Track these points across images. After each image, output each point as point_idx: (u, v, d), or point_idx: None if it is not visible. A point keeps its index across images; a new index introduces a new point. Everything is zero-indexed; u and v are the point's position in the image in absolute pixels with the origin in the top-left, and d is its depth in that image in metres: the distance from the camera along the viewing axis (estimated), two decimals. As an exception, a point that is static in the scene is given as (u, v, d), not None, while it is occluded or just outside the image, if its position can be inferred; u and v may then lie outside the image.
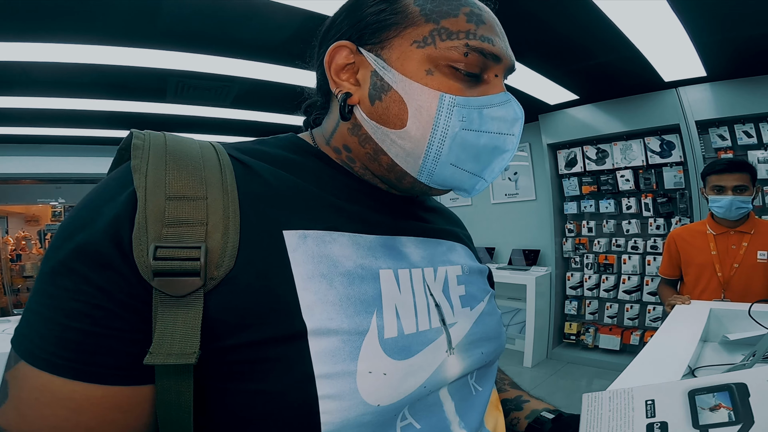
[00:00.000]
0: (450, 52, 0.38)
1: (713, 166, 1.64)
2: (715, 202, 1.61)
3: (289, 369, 0.30)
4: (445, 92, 0.38)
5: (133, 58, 2.08)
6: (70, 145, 3.55)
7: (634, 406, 0.42)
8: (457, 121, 0.38)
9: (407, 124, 0.39)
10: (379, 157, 0.42)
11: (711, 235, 1.68)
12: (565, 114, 3.38)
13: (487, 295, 0.49)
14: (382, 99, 0.40)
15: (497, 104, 0.40)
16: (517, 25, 1.93)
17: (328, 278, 0.34)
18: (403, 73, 0.39)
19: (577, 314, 3.53)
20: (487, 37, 0.39)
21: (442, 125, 0.38)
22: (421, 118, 0.38)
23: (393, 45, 0.40)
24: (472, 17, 0.39)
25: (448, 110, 0.38)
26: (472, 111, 0.39)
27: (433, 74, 0.38)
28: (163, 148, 0.33)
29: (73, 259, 0.29)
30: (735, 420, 0.36)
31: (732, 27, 1.96)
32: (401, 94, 0.39)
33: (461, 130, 0.38)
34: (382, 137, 0.41)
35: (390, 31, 0.40)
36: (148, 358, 0.28)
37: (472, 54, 0.39)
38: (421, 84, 0.38)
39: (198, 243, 0.30)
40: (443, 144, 0.39)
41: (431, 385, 0.37)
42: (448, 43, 0.38)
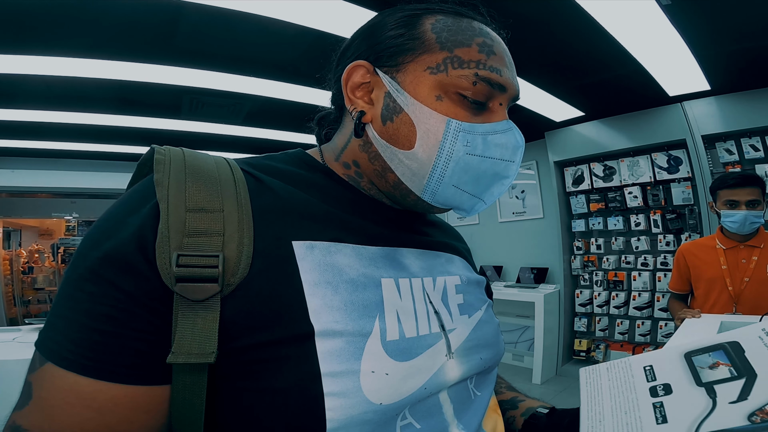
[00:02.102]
0: (460, 80, 0.40)
1: (725, 181, 1.63)
2: (728, 217, 1.60)
3: (298, 367, 0.32)
4: (452, 118, 0.40)
5: (150, 75, 2.16)
6: (85, 160, 3.65)
7: (633, 374, 0.42)
8: (461, 146, 0.40)
9: (415, 146, 0.41)
10: (386, 175, 0.44)
11: (721, 249, 1.67)
12: (572, 131, 3.41)
13: (485, 304, 0.51)
14: (393, 120, 0.42)
15: (500, 131, 0.42)
16: (523, 43, 1.99)
17: (333, 285, 0.36)
18: (415, 96, 0.41)
19: (587, 331, 3.47)
20: (496, 68, 0.42)
21: (448, 149, 0.40)
22: (428, 140, 0.40)
23: (408, 69, 0.42)
24: (484, 48, 0.42)
25: (454, 135, 0.40)
26: (477, 137, 0.41)
27: (442, 100, 0.41)
28: (183, 163, 0.35)
29: (100, 266, 0.31)
30: (737, 375, 0.36)
31: (732, 40, 1.99)
32: (411, 116, 0.41)
33: (465, 155, 0.41)
34: (391, 156, 0.43)
35: (406, 56, 0.42)
36: (171, 357, 0.30)
37: (481, 83, 0.41)
38: (431, 108, 0.41)
39: (216, 252, 0.32)
40: (447, 166, 0.41)
41: (431, 387, 0.38)
42: (459, 72, 0.40)
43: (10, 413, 0.31)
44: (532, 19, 1.78)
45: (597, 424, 0.39)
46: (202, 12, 1.62)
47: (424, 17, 0.43)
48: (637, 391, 0.39)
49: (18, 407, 0.31)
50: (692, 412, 0.35)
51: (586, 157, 3.39)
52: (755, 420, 0.32)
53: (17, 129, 2.80)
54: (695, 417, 0.34)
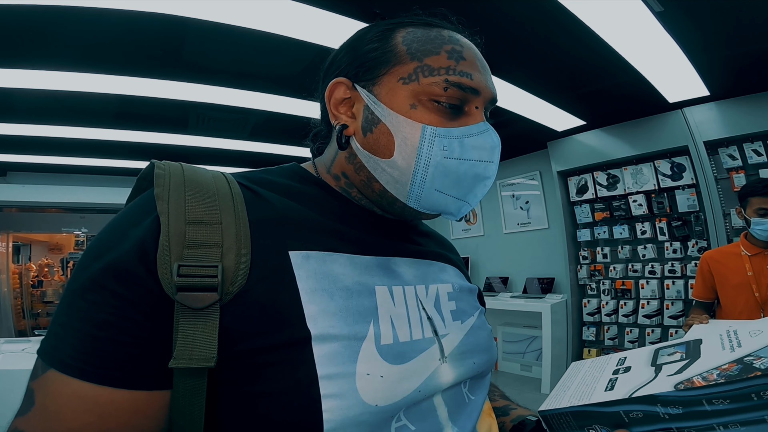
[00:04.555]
0: (431, 87, 0.42)
1: (756, 189, 1.64)
2: (758, 225, 1.61)
3: (296, 370, 0.33)
4: (427, 124, 0.42)
5: (157, 90, 2.22)
6: (94, 175, 3.71)
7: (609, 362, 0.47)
8: (438, 150, 0.42)
9: (394, 154, 0.43)
10: (372, 184, 0.46)
11: (746, 256, 1.68)
12: (574, 140, 3.43)
13: (477, 311, 0.52)
14: (372, 131, 0.44)
15: (476, 134, 0.44)
16: (522, 54, 2.03)
17: (329, 292, 0.38)
18: (390, 107, 0.43)
19: (596, 340, 3.43)
20: (466, 72, 0.43)
21: (425, 154, 0.42)
22: (406, 148, 0.42)
23: (383, 82, 0.44)
24: (453, 54, 0.43)
25: (430, 140, 0.42)
26: (453, 141, 0.42)
27: (416, 108, 0.42)
28: (182, 178, 0.37)
29: (102, 277, 0.32)
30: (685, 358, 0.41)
31: (727, 44, 2.01)
32: (389, 126, 0.43)
33: (443, 159, 0.42)
34: (374, 166, 0.45)
35: (381, 69, 0.44)
36: (173, 362, 0.31)
37: (452, 88, 0.42)
38: (406, 117, 0.42)
39: (215, 263, 0.33)
40: (427, 171, 0.42)
41: (426, 389, 0.40)
42: (429, 79, 0.42)
43: (12, 419, 0.32)
44: (530, 30, 1.82)
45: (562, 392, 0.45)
46: (207, 28, 1.67)
47: (396, 31, 0.46)
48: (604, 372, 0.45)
49: (20, 413, 0.32)
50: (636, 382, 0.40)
51: (589, 166, 3.39)
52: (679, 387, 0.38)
53: (27, 144, 2.87)
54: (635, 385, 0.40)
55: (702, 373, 0.38)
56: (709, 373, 0.37)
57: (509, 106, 2.67)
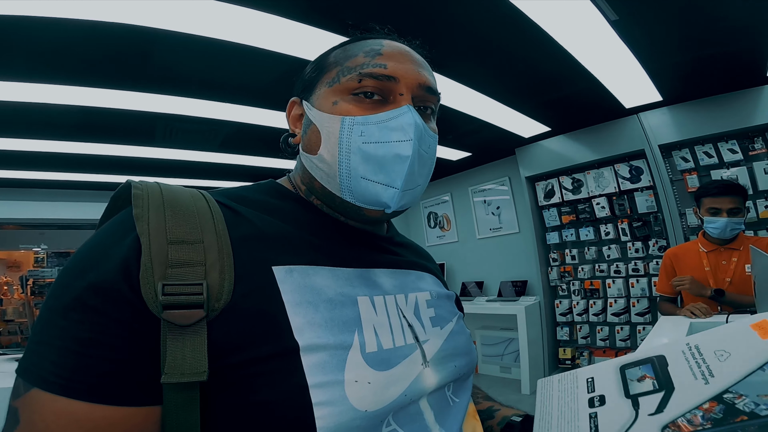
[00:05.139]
0: (349, 83, 0.46)
1: (707, 190, 1.75)
2: (710, 224, 1.72)
3: (286, 380, 0.34)
4: (346, 116, 0.45)
5: (122, 101, 2.14)
6: (55, 190, 3.52)
7: (578, 384, 0.47)
8: (357, 137, 0.44)
9: (320, 148, 0.46)
10: (314, 184, 0.49)
11: (703, 252, 1.79)
12: (540, 146, 3.56)
13: (455, 316, 0.55)
14: (307, 133, 0.49)
15: (395, 117, 0.45)
16: (489, 64, 2.11)
17: (313, 304, 0.39)
18: (318, 108, 0.47)
19: (570, 339, 3.53)
20: (380, 63, 0.46)
21: (345, 143, 0.44)
22: (330, 141, 0.45)
23: (316, 91, 0.49)
24: (370, 53, 0.47)
25: (349, 129, 0.45)
26: (370, 126, 0.44)
27: (338, 104, 0.46)
28: (161, 198, 0.37)
29: (86, 295, 0.32)
30: (658, 388, 0.41)
31: (676, 51, 2.14)
32: (317, 125, 0.47)
33: (362, 144, 0.44)
34: (311, 164, 0.48)
35: (316, 83, 0.49)
36: (165, 377, 0.31)
37: (366, 79, 0.45)
38: (328, 113, 0.46)
39: (200, 281, 0.34)
40: (350, 160, 0.44)
41: (411, 393, 0.41)
42: (347, 77, 0.46)
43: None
44: (497, 40, 1.90)
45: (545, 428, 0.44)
46: (175, 39, 1.65)
47: (333, 51, 0.51)
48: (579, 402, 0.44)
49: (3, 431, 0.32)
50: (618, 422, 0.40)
51: (555, 171, 3.53)
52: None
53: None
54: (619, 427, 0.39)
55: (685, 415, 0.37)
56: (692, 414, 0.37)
57: (479, 114, 2.76)
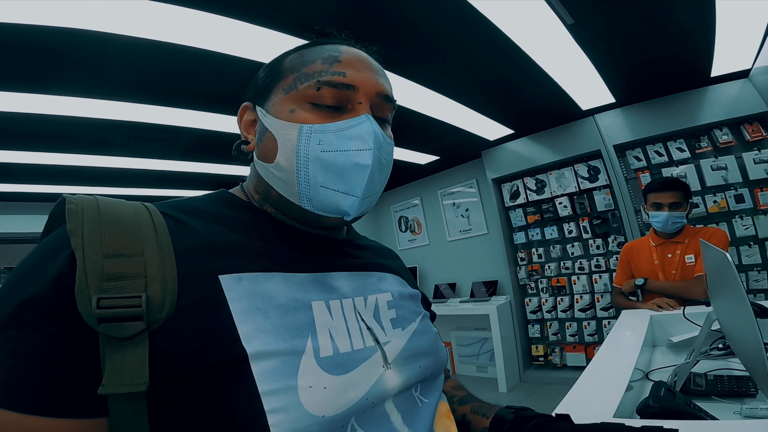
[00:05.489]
0: (306, 90, 0.46)
1: (651, 185, 1.86)
2: (653, 218, 1.82)
3: (237, 389, 0.34)
4: (303, 123, 0.45)
5: (75, 108, 2.03)
6: (3, 202, 3.28)
7: None
8: (315, 145, 0.44)
9: (277, 156, 0.46)
10: (270, 193, 0.48)
11: (653, 246, 1.88)
12: (504, 149, 3.67)
13: (419, 315, 0.54)
14: (262, 140, 0.48)
15: (354, 125, 0.45)
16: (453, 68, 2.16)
17: (263, 311, 0.38)
18: (275, 116, 0.46)
19: (541, 337, 3.62)
20: (339, 72, 0.46)
21: (303, 151, 0.44)
22: (287, 149, 0.45)
23: (271, 97, 0.48)
24: (328, 59, 0.47)
25: (307, 137, 0.44)
26: (328, 135, 0.44)
27: (295, 112, 0.45)
28: (96, 213, 0.37)
29: (20, 312, 0.32)
30: None
31: (627, 54, 2.26)
32: (273, 132, 0.46)
33: (321, 152, 0.44)
34: (266, 173, 0.48)
35: (271, 89, 0.48)
36: (102, 389, 0.31)
37: (324, 88, 0.45)
38: (285, 120, 0.45)
39: (138, 293, 0.34)
40: (308, 168, 0.44)
41: (373, 396, 0.41)
42: (305, 84, 0.46)
43: None
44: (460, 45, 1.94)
45: None
46: (130, 44, 1.58)
47: (289, 55, 0.50)
48: None
49: None
50: None
51: (519, 172, 3.64)
52: None
53: None
54: None
55: None
56: None
57: (446, 118, 2.81)
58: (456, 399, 0.63)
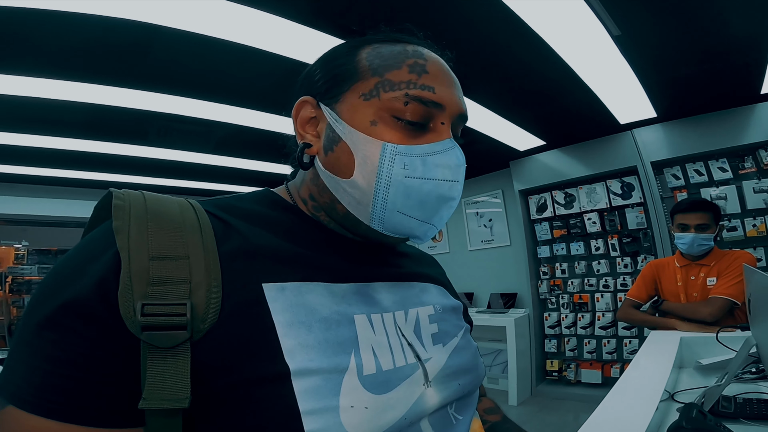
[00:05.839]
0: (391, 102, 0.41)
1: (679, 206, 1.80)
2: (679, 239, 1.76)
3: (276, 407, 0.32)
4: (387, 141, 0.41)
5: (117, 98, 2.10)
6: (40, 186, 3.42)
7: None
8: (399, 169, 0.40)
9: (354, 173, 0.42)
10: (335, 207, 0.45)
11: (678, 267, 1.83)
12: (534, 160, 3.60)
13: (461, 330, 0.51)
14: (333, 150, 0.43)
15: (440, 151, 0.42)
16: (486, 73, 2.12)
17: (306, 324, 0.36)
18: (351, 124, 0.42)
19: (557, 352, 3.54)
20: (428, 86, 0.42)
21: (386, 173, 0.40)
22: (366, 167, 0.41)
23: (345, 99, 0.43)
24: (415, 68, 0.42)
25: (391, 159, 0.40)
26: (415, 159, 0.41)
27: (377, 125, 0.41)
28: (144, 209, 0.35)
29: (60, 315, 0.30)
30: None
31: (675, 67, 2.17)
32: (349, 144, 0.42)
33: (404, 178, 0.41)
34: (335, 186, 0.44)
35: (343, 87, 0.44)
36: (143, 403, 0.29)
37: (412, 103, 0.41)
38: (366, 134, 0.41)
39: (183, 300, 0.32)
40: (388, 192, 0.41)
41: (411, 416, 0.39)
42: (390, 94, 0.41)
43: None
44: (495, 49, 1.91)
45: None
46: (175, 36, 1.62)
47: (361, 48, 0.45)
48: None
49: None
50: None
51: (548, 185, 3.57)
52: None
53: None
54: None
55: None
56: None
57: (474, 125, 2.78)
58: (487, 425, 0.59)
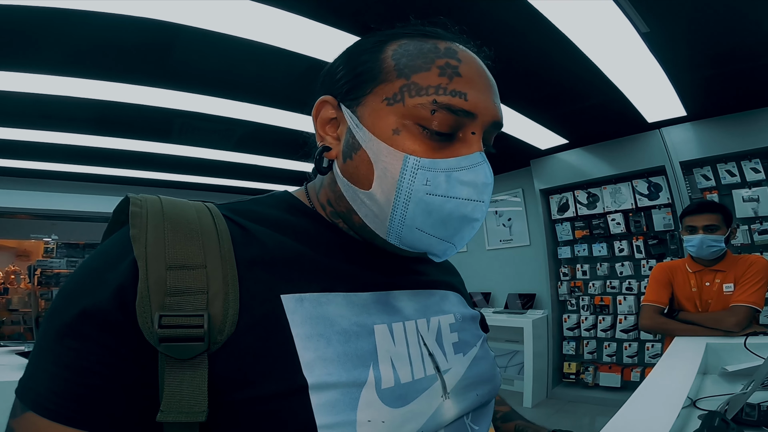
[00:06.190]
0: (417, 109, 0.37)
1: (687, 208, 1.75)
2: (687, 242, 1.70)
3: (293, 421, 0.31)
4: (410, 153, 0.37)
5: (139, 96, 2.15)
6: (68, 182, 3.55)
7: None
8: (420, 185, 0.37)
9: (373, 186, 0.39)
10: (352, 216, 0.43)
11: (690, 273, 1.75)
12: (556, 159, 3.51)
13: (480, 339, 0.50)
14: (352, 157, 0.40)
15: (467, 167, 0.38)
16: (508, 71, 2.08)
17: (325, 337, 0.35)
18: (372, 131, 0.39)
19: (575, 354, 3.48)
20: (460, 92, 0.38)
21: (406, 188, 0.37)
22: (386, 180, 0.38)
23: (367, 102, 0.40)
24: (446, 70, 0.38)
25: (412, 173, 0.37)
26: (438, 174, 0.37)
27: (400, 134, 0.38)
28: (161, 215, 0.34)
29: (80, 323, 0.30)
30: None
31: (707, 65, 2.09)
32: (369, 153, 0.39)
33: (425, 195, 0.37)
34: (353, 196, 0.41)
35: (366, 88, 0.40)
36: (161, 416, 0.29)
37: (440, 111, 0.37)
38: (387, 144, 0.38)
39: (200, 311, 0.31)
40: (407, 208, 0.38)
41: (428, 428, 0.38)
42: (416, 100, 0.37)
43: None
44: (517, 46, 1.87)
45: None
46: (193, 35, 1.64)
47: (387, 44, 0.41)
48: None
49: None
50: None
51: (570, 184, 3.48)
52: None
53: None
54: None
55: None
56: None
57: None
58: (499, 415, 0.59)
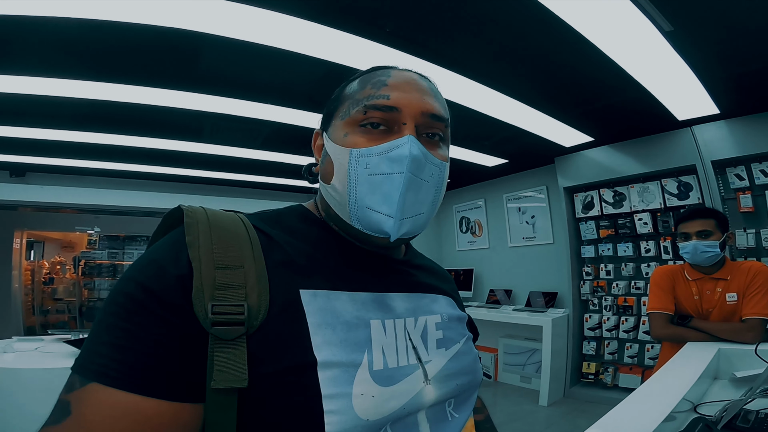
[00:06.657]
0: (356, 115, 0.49)
1: (682, 215, 1.71)
2: (682, 249, 1.66)
3: (305, 390, 0.40)
4: (353, 147, 0.49)
5: (173, 100, 2.30)
6: (110, 178, 3.80)
7: None
8: (362, 169, 0.48)
9: (333, 178, 0.50)
10: (330, 211, 0.53)
11: (690, 281, 1.70)
12: (581, 156, 3.44)
13: (464, 337, 0.59)
14: (324, 163, 0.53)
15: (394, 147, 0.47)
16: (531, 71, 2.07)
17: (332, 326, 0.44)
18: (333, 141, 0.51)
19: (596, 354, 3.43)
20: (383, 95, 0.49)
21: (353, 174, 0.48)
22: (341, 171, 0.49)
23: (333, 124, 0.53)
24: (376, 85, 0.50)
25: (356, 161, 0.48)
26: (374, 158, 0.48)
27: (348, 136, 0.49)
28: (207, 225, 0.44)
29: (150, 303, 0.38)
30: None
31: (738, 63, 2.01)
32: (331, 156, 0.51)
33: (368, 175, 0.48)
34: (326, 193, 0.53)
35: (333, 115, 0.53)
36: (215, 383, 0.37)
37: (370, 111, 0.49)
38: (339, 144, 0.50)
39: (241, 302, 0.40)
40: (357, 190, 0.48)
41: (410, 407, 0.46)
42: (356, 110, 0.50)
43: (41, 429, 0.35)
44: (540, 47, 1.86)
45: None
46: (222, 43, 1.74)
47: (348, 84, 0.54)
48: None
49: (51, 422, 0.35)
50: None
51: (595, 183, 3.41)
52: None
53: (46, 147, 2.96)
54: None
55: None
56: None
57: (517, 122, 2.71)
58: None
